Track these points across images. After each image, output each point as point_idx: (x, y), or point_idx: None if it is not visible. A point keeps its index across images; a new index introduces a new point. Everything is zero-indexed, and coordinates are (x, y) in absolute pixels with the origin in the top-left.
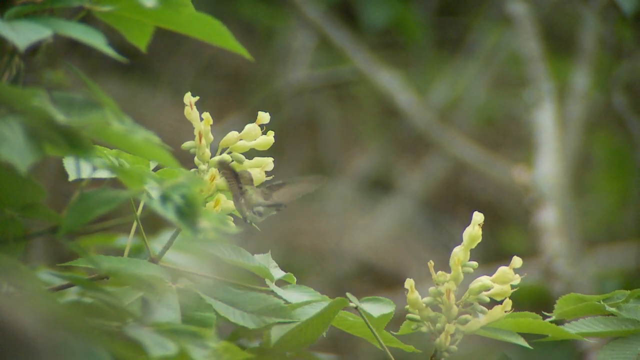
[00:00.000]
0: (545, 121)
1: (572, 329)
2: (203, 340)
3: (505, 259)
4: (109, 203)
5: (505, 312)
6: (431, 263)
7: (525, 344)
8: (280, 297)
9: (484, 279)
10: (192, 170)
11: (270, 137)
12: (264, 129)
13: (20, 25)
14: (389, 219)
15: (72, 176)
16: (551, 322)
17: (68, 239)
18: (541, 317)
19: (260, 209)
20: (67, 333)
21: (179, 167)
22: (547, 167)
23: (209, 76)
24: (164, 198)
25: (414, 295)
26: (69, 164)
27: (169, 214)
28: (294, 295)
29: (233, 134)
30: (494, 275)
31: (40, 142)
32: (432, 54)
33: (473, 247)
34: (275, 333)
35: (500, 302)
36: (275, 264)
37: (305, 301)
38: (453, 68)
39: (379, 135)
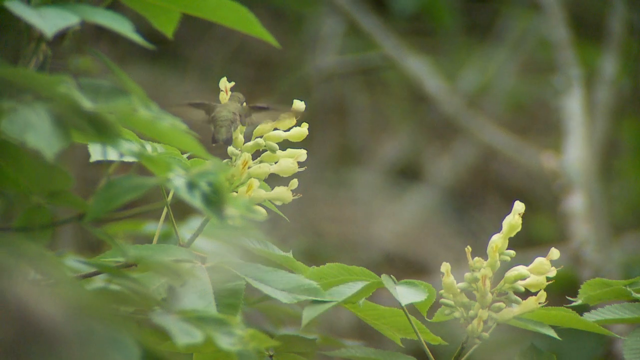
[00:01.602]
0: (574, 107)
1: (597, 316)
2: (229, 327)
3: (534, 245)
4: (135, 190)
5: (539, 304)
6: (469, 249)
7: (555, 335)
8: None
9: (521, 268)
10: (226, 160)
11: (304, 129)
12: (298, 116)
13: (47, 12)
14: (417, 205)
15: (93, 157)
16: (576, 307)
17: (95, 226)
18: (568, 303)
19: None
20: (93, 320)
21: (205, 153)
22: (576, 153)
23: (238, 62)
24: (191, 185)
25: (449, 279)
26: (92, 146)
27: (195, 201)
28: None
29: (267, 123)
30: (530, 266)
31: (66, 129)
32: (461, 40)
33: (512, 235)
34: (307, 314)
35: (533, 293)
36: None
37: (340, 279)
38: (482, 54)
39: (407, 121)
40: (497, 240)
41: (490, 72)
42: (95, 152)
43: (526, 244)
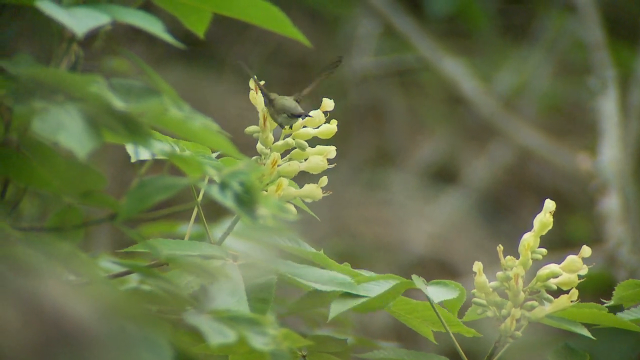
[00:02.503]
0: (609, 108)
1: (631, 315)
2: (262, 327)
3: (570, 247)
4: (167, 190)
5: (572, 302)
6: (500, 248)
7: (589, 334)
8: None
9: (553, 267)
10: (255, 157)
11: (333, 126)
12: (328, 115)
13: (78, 12)
14: (452, 207)
15: (133, 158)
16: (610, 307)
17: (129, 226)
18: (602, 304)
19: (285, 115)
20: (126, 320)
21: (237, 153)
22: (611, 154)
23: (273, 63)
24: (223, 185)
25: (481, 278)
26: (130, 148)
27: (227, 201)
28: None
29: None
30: (562, 264)
31: (98, 129)
32: (497, 42)
33: (543, 233)
34: (335, 308)
35: (565, 291)
36: (331, 260)
37: (370, 277)
38: (517, 55)
39: (443, 123)
40: (529, 239)
41: (526, 74)
42: (135, 152)
43: (562, 245)
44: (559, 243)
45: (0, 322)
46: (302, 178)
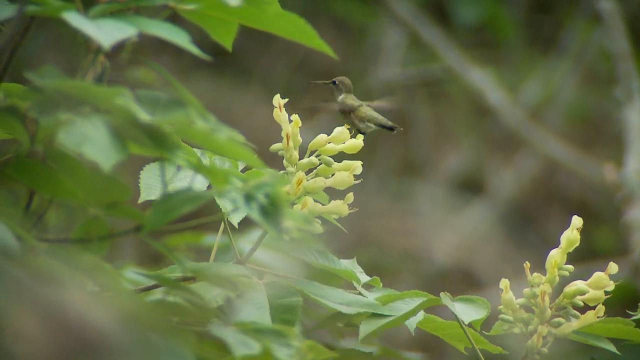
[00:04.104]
0: (635, 119)
1: None
2: (287, 339)
3: (597, 258)
4: (192, 202)
5: (598, 317)
6: (527, 264)
7: (614, 349)
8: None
9: (579, 284)
10: (281, 172)
11: (359, 141)
12: (353, 131)
13: (104, 23)
14: (479, 218)
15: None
16: (637, 320)
17: (156, 238)
18: (628, 317)
19: (371, 124)
20: (151, 332)
21: (263, 166)
22: (637, 165)
23: (300, 74)
24: (248, 197)
25: (508, 295)
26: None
27: (253, 213)
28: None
29: (322, 137)
30: (589, 280)
31: (124, 141)
32: (524, 52)
33: (570, 250)
34: (364, 328)
35: (592, 307)
36: (360, 269)
37: (396, 295)
38: (544, 66)
39: (470, 133)
40: (556, 256)
41: (552, 84)
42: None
43: (589, 256)
44: (585, 254)
45: (25, 331)
46: (328, 193)
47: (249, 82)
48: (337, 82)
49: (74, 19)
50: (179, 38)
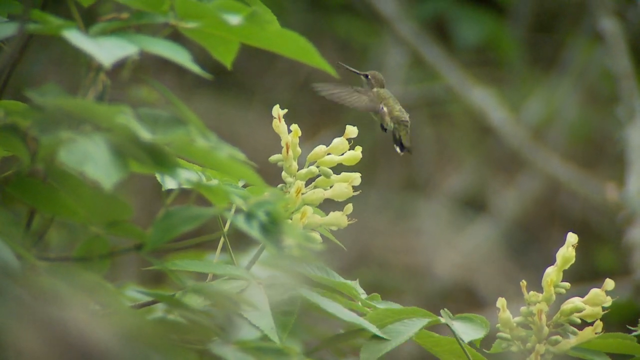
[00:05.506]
0: (636, 138)
1: None
2: (288, 357)
3: (598, 277)
4: (193, 220)
5: (596, 333)
6: (523, 283)
7: None
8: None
9: (576, 301)
10: (280, 185)
11: (357, 152)
12: (352, 142)
13: (105, 41)
14: (481, 237)
15: (163, 186)
16: (637, 336)
17: (157, 257)
18: (629, 334)
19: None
20: (152, 350)
21: (263, 184)
22: (639, 185)
23: (303, 93)
24: (249, 215)
25: (505, 314)
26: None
27: (253, 231)
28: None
29: (321, 148)
30: (586, 297)
31: (125, 159)
32: (525, 72)
33: (566, 268)
34: (365, 357)
35: (590, 323)
36: (363, 291)
37: (396, 311)
38: (546, 85)
39: (472, 152)
40: (552, 274)
41: (554, 104)
42: (161, 181)
43: (591, 276)
44: (587, 274)
45: (27, 350)
46: (327, 205)
47: (251, 101)
48: (369, 77)
49: (75, 37)
50: (180, 56)
